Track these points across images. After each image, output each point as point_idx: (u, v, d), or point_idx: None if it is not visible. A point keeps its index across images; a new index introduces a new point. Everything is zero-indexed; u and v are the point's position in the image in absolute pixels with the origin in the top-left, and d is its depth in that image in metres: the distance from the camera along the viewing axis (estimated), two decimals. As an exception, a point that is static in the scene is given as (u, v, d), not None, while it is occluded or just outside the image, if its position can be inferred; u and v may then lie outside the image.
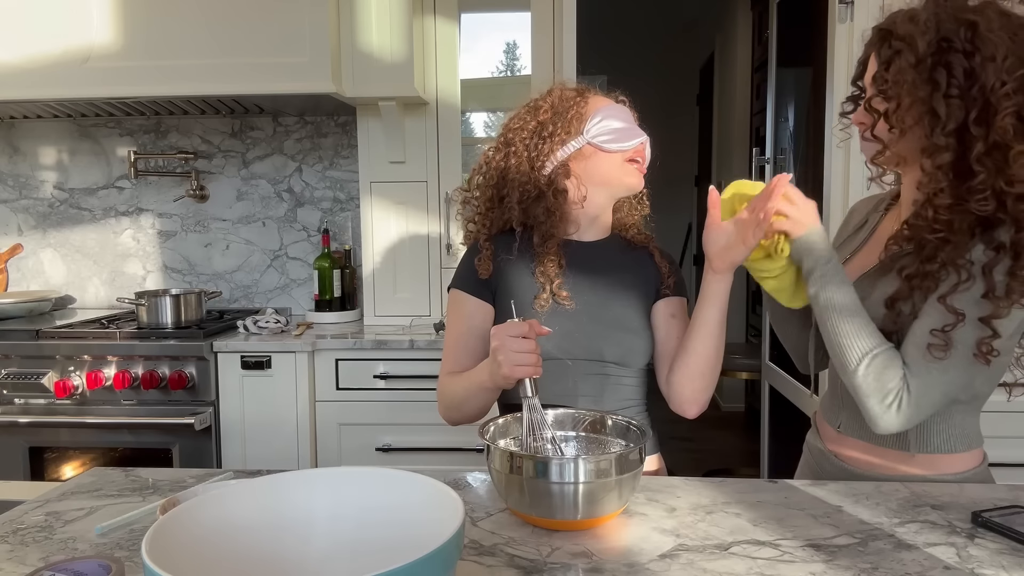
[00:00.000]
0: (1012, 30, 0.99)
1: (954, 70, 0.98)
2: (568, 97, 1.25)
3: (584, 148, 1.23)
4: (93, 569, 0.67)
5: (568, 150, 1.23)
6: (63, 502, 1.02)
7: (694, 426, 4.17)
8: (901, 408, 1.02)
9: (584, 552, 0.85)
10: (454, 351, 1.26)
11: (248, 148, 2.75)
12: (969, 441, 1.12)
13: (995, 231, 0.99)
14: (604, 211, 1.29)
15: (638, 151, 1.24)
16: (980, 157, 0.98)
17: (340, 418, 2.23)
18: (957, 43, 0.98)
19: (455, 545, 0.60)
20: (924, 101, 1.00)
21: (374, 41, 2.25)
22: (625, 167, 1.23)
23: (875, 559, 0.83)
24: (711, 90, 4.94)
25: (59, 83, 2.25)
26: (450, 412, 1.25)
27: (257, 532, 0.71)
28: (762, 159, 3.40)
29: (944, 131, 0.99)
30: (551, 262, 1.22)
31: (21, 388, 2.19)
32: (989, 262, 0.98)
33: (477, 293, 1.26)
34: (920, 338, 1.02)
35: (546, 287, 1.21)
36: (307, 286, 2.75)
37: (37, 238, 2.84)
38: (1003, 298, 0.97)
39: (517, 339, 1.04)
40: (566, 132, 1.22)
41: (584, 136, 1.22)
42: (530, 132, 1.25)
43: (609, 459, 0.89)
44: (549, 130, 1.23)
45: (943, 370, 1.01)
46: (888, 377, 1.02)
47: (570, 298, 1.22)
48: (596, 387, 1.23)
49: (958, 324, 0.98)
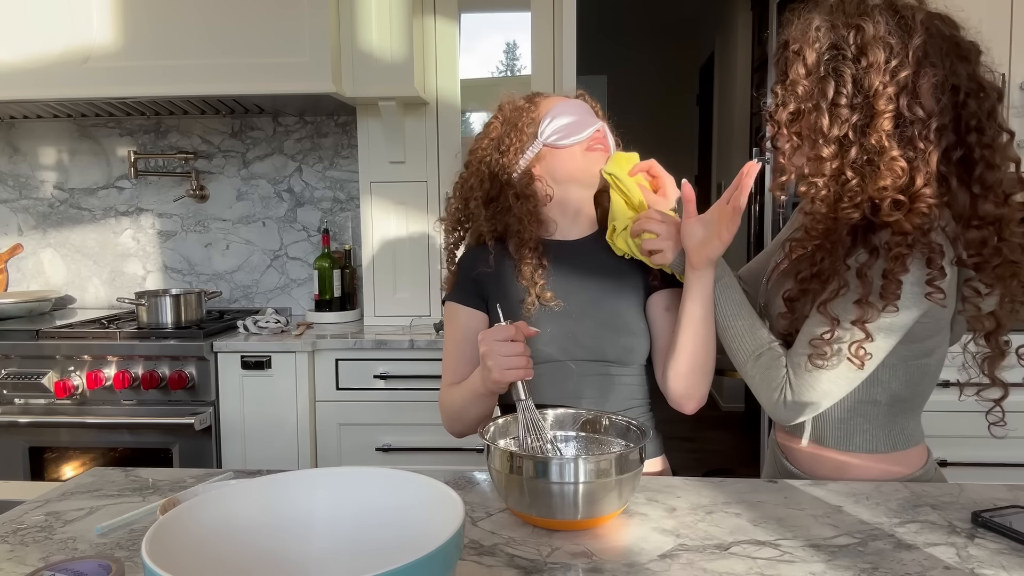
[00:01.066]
0: (901, 30, 0.97)
1: (843, 78, 0.98)
2: (518, 107, 1.28)
3: (542, 151, 1.26)
4: (93, 569, 0.67)
5: (528, 156, 1.26)
6: (63, 502, 1.02)
7: (695, 426, 4.18)
8: (787, 403, 1.06)
9: (584, 552, 0.85)
10: (452, 363, 1.27)
11: (248, 148, 2.75)
12: (900, 441, 1.13)
13: (874, 235, 0.99)
14: (583, 206, 1.30)
15: (595, 139, 1.25)
16: (855, 163, 0.98)
17: (340, 418, 2.23)
18: (846, 50, 0.98)
19: (455, 545, 0.61)
20: (813, 111, 1.00)
21: (374, 41, 2.25)
22: (587, 156, 1.25)
23: (875, 559, 0.83)
24: (711, 90, 4.94)
25: (59, 83, 2.25)
26: (452, 423, 1.26)
27: (257, 532, 0.71)
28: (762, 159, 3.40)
29: (827, 140, 0.98)
30: (528, 265, 1.22)
31: (21, 388, 2.19)
32: (863, 265, 0.98)
33: (470, 303, 1.28)
34: (803, 344, 1.05)
35: (531, 291, 1.22)
36: (307, 286, 2.75)
37: (37, 238, 2.84)
38: (876, 302, 0.97)
39: (504, 343, 1.04)
40: (521, 141, 1.25)
41: (539, 139, 1.25)
42: (489, 151, 1.28)
43: (609, 459, 0.90)
44: (506, 143, 1.26)
45: (822, 376, 1.03)
46: (772, 376, 1.07)
47: (555, 298, 1.22)
48: (599, 388, 1.23)
49: (835, 330, 1.00)
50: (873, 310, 0.98)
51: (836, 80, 0.98)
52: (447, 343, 1.30)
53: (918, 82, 0.96)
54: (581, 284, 1.25)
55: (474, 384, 1.14)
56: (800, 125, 1.03)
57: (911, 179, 0.96)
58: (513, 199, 1.24)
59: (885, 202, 0.96)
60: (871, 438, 1.12)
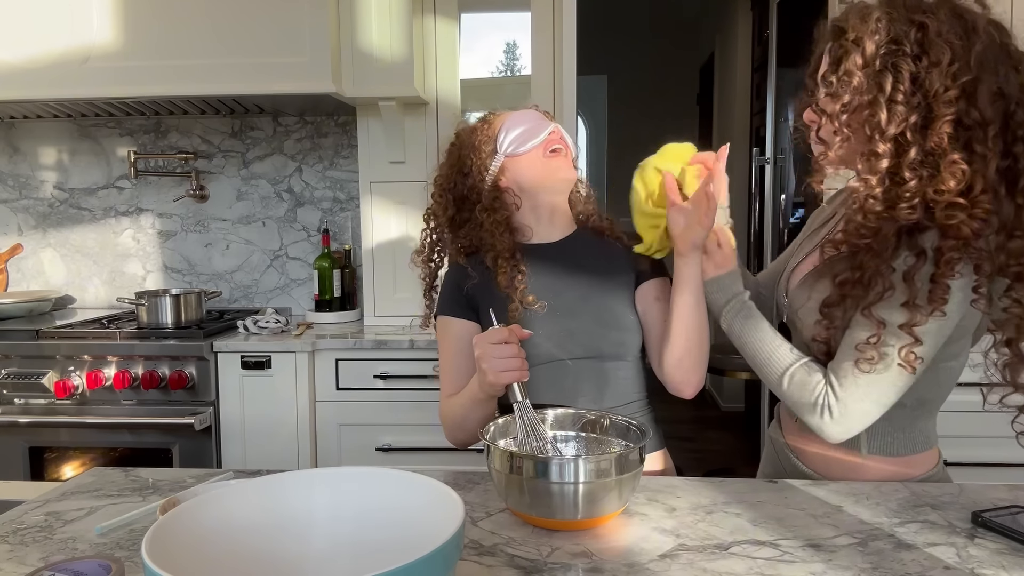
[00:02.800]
0: (964, 33, 0.95)
1: (901, 74, 0.95)
2: (473, 129, 1.32)
3: (504, 162, 1.28)
4: (93, 569, 0.67)
5: (493, 170, 1.28)
6: (63, 502, 1.02)
7: (695, 426, 4.18)
8: (834, 418, 1.03)
9: (584, 552, 0.85)
10: (449, 374, 1.28)
11: (248, 148, 2.75)
12: (919, 444, 1.12)
13: (919, 237, 0.98)
14: (557, 208, 1.31)
15: (551, 140, 1.27)
16: (913, 164, 0.96)
17: (340, 418, 2.23)
18: (907, 46, 0.95)
19: (455, 545, 0.61)
20: (868, 105, 0.98)
21: (374, 41, 2.25)
22: (547, 162, 1.27)
23: (875, 559, 0.83)
24: (711, 90, 4.94)
25: (59, 83, 2.25)
26: (454, 432, 1.27)
27: (257, 532, 0.71)
28: (762, 159, 3.40)
29: (884, 137, 0.97)
30: (504, 274, 1.23)
31: (21, 388, 2.19)
32: (910, 268, 0.97)
33: (461, 315, 1.28)
34: (848, 351, 1.02)
35: (512, 296, 1.22)
36: (307, 286, 2.75)
37: (37, 238, 2.84)
38: (924, 306, 0.96)
39: (498, 345, 1.05)
40: (480, 158, 1.28)
41: (500, 151, 1.27)
42: (452, 176, 1.31)
43: (609, 459, 0.90)
44: (467, 165, 1.29)
45: (871, 382, 1.01)
46: (809, 391, 1.04)
47: (536, 300, 1.23)
48: (596, 385, 1.23)
49: (880, 334, 0.98)
50: (921, 314, 0.96)
51: (895, 75, 0.95)
52: (443, 357, 1.31)
53: (978, 87, 0.94)
54: (568, 283, 1.26)
55: (472, 390, 1.15)
56: (851, 118, 1.00)
57: (970, 184, 0.94)
58: (482, 213, 1.27)
59: (941, 205, 0.94)
60: (892, 441, 1.11)
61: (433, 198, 1.36)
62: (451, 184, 1.32)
